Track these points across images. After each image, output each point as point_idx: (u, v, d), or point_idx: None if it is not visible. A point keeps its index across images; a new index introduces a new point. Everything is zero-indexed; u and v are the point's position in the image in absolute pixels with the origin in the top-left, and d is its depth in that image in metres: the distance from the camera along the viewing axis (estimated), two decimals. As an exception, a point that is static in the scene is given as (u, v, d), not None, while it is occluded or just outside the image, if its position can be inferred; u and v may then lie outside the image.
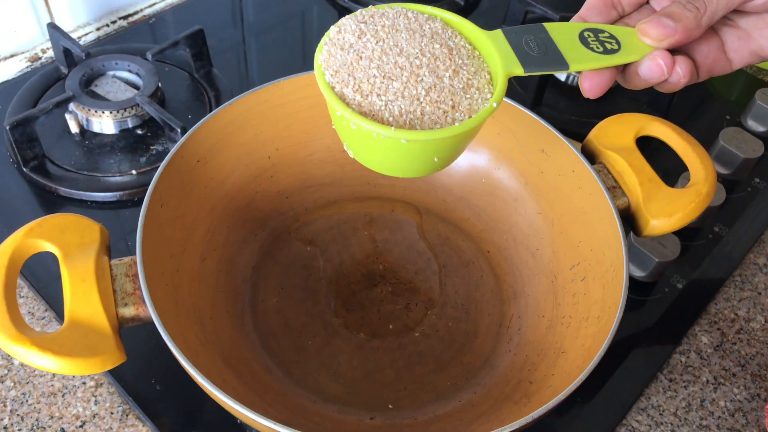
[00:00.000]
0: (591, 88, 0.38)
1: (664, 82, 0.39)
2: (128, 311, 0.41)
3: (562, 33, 0.37)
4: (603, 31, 0.38)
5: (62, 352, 0.37)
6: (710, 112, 0.76)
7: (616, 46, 0.37)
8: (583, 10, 0.39)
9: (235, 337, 0.49)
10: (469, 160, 0.57)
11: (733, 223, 0.64)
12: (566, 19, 0.78)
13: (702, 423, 0.52)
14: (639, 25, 0.38)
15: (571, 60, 0.37)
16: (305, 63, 0.78)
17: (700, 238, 0.62)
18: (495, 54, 0.37)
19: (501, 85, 0.36)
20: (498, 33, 0.37)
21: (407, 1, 0.40)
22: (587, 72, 0.38)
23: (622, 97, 0.75)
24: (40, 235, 0.41)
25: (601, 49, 0.37)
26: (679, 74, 0.38)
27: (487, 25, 0.39)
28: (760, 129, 0.72)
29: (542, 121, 0.52)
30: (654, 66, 0.37)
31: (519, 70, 0.36)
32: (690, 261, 0.60)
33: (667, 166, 0.58)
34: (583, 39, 0.37)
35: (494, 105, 0.35)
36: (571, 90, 0.75)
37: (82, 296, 0.39)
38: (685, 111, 0.75)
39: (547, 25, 0.38)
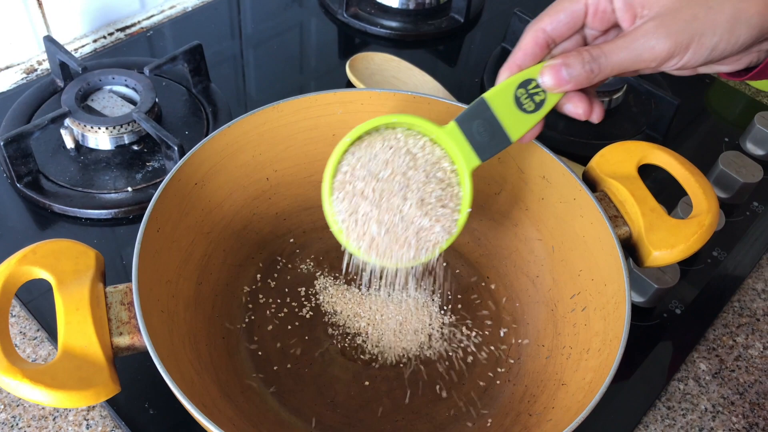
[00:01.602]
0: (527, 139, 0.44)
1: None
2: (123, 341, 0.40)
3: (501, 102, 0.42)
4: (530, 81, 0.42)
5: (55, 385, 0.37)
6: (709, 133, 0.76)
7: (543, 95, 0.42)
8: (519, 56, 0.42)
9: (231, 364, 0.48)
10: (469, 184, 0.57)
11: (731, 248, 0.64)
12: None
13: (700, 454, 0.51)
14: (542, 70, 0.41)
15: (512, 133, 0.43)
16: (303, 76, 0.78)
17: (698, 262, 0.62)
18: (457, 153, 0.43)
19: (469, 184, 0.43)
20: (454, 128, 0.43)
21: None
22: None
23: (622, 118, 0.75)
24: (33, 262, 0.41)
25: (532, 107, 0.42)
26: (599, 115, 0.43)
27: (486, 41, 0.40)
28: (759, 152, 0.72)
29: (544, 148, 0.51)
30: (572, 111, 0.42)
31: (476, 162, 0.43)
32: (689, 286, 0.60)
33: (668, 188, 0.57)
34: (517, 101, 0.42)
35: (468, 210, 0.44)
36: (571, 110, 0.74)
37: (76, 326, 0.39)
38: (685, 132, 0.75)
39: (487, 97, 0.42)
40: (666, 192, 0.60)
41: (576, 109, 0.42)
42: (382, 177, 0.42)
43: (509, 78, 0.42)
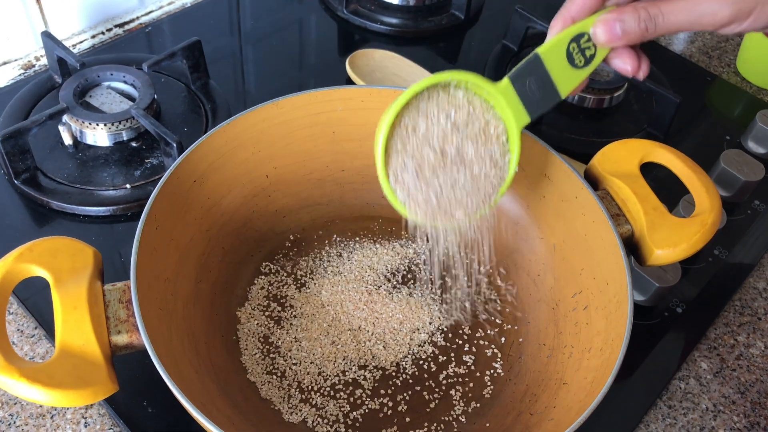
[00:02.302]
0: (574, 93, 0.44)
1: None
2: (121, 339, 0.40)
3: (554, 58, 0.42)
4: (583, 35, 0.41)
5: (52, 384, 0.36)
6: (710, 131, 0.75)
7: (593, 50, 0.42)
8: (573, 8, 0.42)
9: (230, 363, 0.48)
10: (470, 182, 0.56)
11: (733, 246, 0.63)
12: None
13: (702, 453, 0.51)
14: (595, 23, 0.41)
15: (562, 89, 0.43)
16: (302, 73, 0.77)
17: (700, 261, 0.62)
18: (508, 112, 0.43)
19: (518, 143, 0.44)
20: (507, 85, 0.42)
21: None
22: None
23: (622, 116, 0.74)
24: (31, 260, 0.40)
25: (582, 61, 0.42)
26: (645, 71, 0.42)
27: (486, 39, 0.40)
28: (761, 151, 0.72)
29: (546, 146, 0.51)
30: (621, 67, 0.42)
31: (527, 120, 0.43)
32: (690, 285, 0.60)
33: (668, 187, 0.57)
34: (569, 56, 0.42)
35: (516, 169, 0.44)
36: (572, 108, 0.74)
37: (73, 325, 0.38)
38: (686, 131, 0.75)
39: (541, 53, 0.42)
40: (667, 190, 0.60)
41: (624, 64, 0.42)
42: (433, 147, 0.42)
43: (563, 31, 0.41)
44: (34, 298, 0.54)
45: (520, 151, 0.44)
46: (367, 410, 0.48)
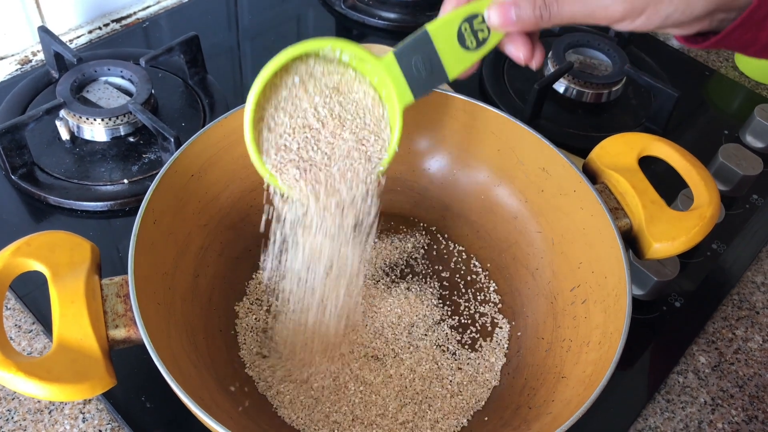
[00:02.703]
0: (462, 77, 0.42)
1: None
2: (119, 333, 0.40)
3: (444, 37, 0.40)
4: (477, 16, 0.40)
5: (50, 378, 0.36)
6: (708, 126, 0.75)
7: (486, 33, 0.40)
8: None
9: (229, 357, 0.48)
10: (469, 176, 0.56)
11: (731, 240, 0.63)
12: (567, 30, 0.77)
13: (700, 447, 0.51)
14: (489, 6, 0.40)
15: (450, 70, 0.41)
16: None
17: (698, 255, 0.62)
18: (391, 88, 0.41)
19: (399, 122, 0.42)
20: (392, 61, 0.40)
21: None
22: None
23: (621, 111, 0.74)
24: (28, 254, 0.40)
25: (474, 44, 0.41)
26: (539, 61, 0.42)
27: None
28: (759, 145, 0.72)
29: (544, 139, 0.51)
30: (514, 54, 0.41)
31: (410, 98, 0.41)
32: (688, 279, 0.60)
33: (666, 181, 0.57)
34: (460, 37, 0.40)
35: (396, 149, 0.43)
36: (570, 103, 0.74)
37: (71, 319, 0.38)
38: (684, 125, 0.75)
39: (430, 30, 0.40)
40: (664, 185, 0.60)
41: (517, 51, 0.41)
42: (309, 124, 0.41)
43: (456, 10, 0.40)
44: (33, 293, 0.53)
45: (401, 129, 0.42)
46: (366, 400, 0.48)
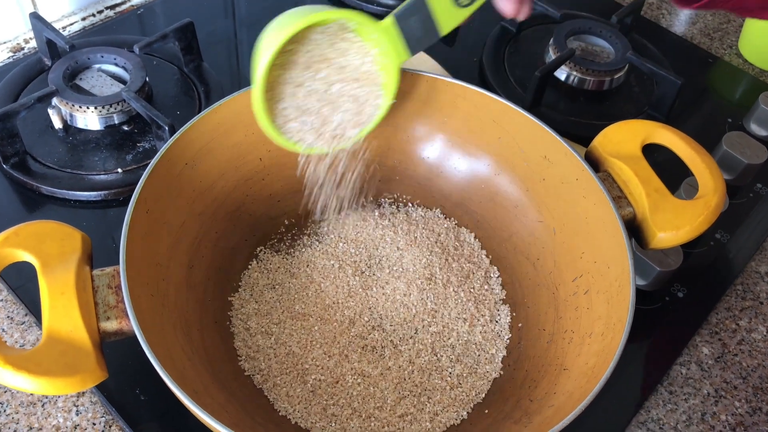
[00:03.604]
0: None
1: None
2: (110, 325, 0.39)
3: None
4: None
5: (39, 371, 0.35)
6: (712, 114, 0.74)
7: None
8: None
9: (224, 350, 0.47)
10: (469, 165, 0.55)
11: (735, 230, 0.63)
12: (568, 16, 0.76)
13: (703, 438, 0.50)
14: None
15: (443, 27, 0.45)
16: (298, 57, 0.76)
17: (701, 245, 0.61)
18: (389, 48, 0.45)
19: (396, 78, 0.47)
20: (390, 25, 0.44)
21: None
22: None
23: (623, 98, 0.73)
24: (16, 245, 0.39)
25: (466, 0, 0.44)
26: (525, 13, 0.45)
27: (484, 20, 0.42)
28: (763, 133, 0.71)
29: (546, 127, 0.50)
30: (501, 7, 0.44)
31: (407, 56, 0.46)
32: (691, 269, 0.59)
33: (669, 170, 0.56)
34: None
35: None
36: (571, 90, 0.73)
37: (61, 310, 0.37)
38: (687, 113, 0.74)
39: None
40: (668, 173, 0.59)
41: (504, 5, 0.44)
42: (312, 88, 0.46)
43: None
44: (26, 285, 0.53)
45: (398, 84, 0.47)
46: (364, 393, 0.47)
